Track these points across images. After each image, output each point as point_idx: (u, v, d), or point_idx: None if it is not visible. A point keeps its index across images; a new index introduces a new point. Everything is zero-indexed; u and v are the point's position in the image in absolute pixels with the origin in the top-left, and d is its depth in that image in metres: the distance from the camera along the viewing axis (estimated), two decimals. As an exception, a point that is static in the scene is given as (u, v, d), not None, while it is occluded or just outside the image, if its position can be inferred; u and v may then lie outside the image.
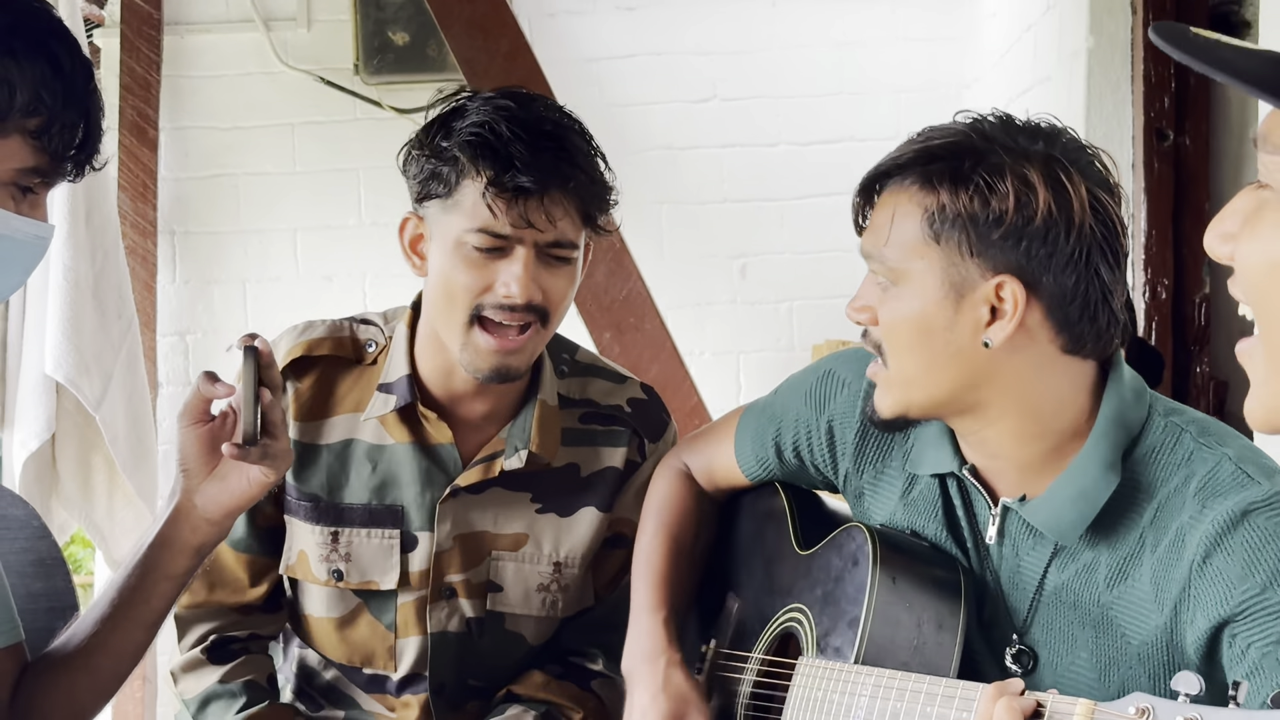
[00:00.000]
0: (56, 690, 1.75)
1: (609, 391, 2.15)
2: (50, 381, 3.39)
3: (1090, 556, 1.61)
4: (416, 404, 2.04)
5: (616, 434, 2.13)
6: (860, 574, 1.68)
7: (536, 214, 1.90)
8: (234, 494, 1.73)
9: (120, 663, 1.76)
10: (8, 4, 1.53)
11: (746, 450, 1.93)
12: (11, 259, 1.55)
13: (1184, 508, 1.55)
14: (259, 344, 1.72)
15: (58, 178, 1.57)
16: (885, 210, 1.61)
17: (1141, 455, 1.60)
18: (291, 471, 2.05)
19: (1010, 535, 1.66)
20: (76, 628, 1.77)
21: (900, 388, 1.62)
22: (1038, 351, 1.58)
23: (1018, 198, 1.53)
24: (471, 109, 1.95)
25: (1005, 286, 1.55)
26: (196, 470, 1.73)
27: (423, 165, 1.97)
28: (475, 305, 1.93)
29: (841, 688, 1.63)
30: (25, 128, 1.51)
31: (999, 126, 1.59)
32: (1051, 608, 1.64)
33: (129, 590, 1.75)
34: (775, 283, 4.55)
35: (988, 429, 1.62)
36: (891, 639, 1.64)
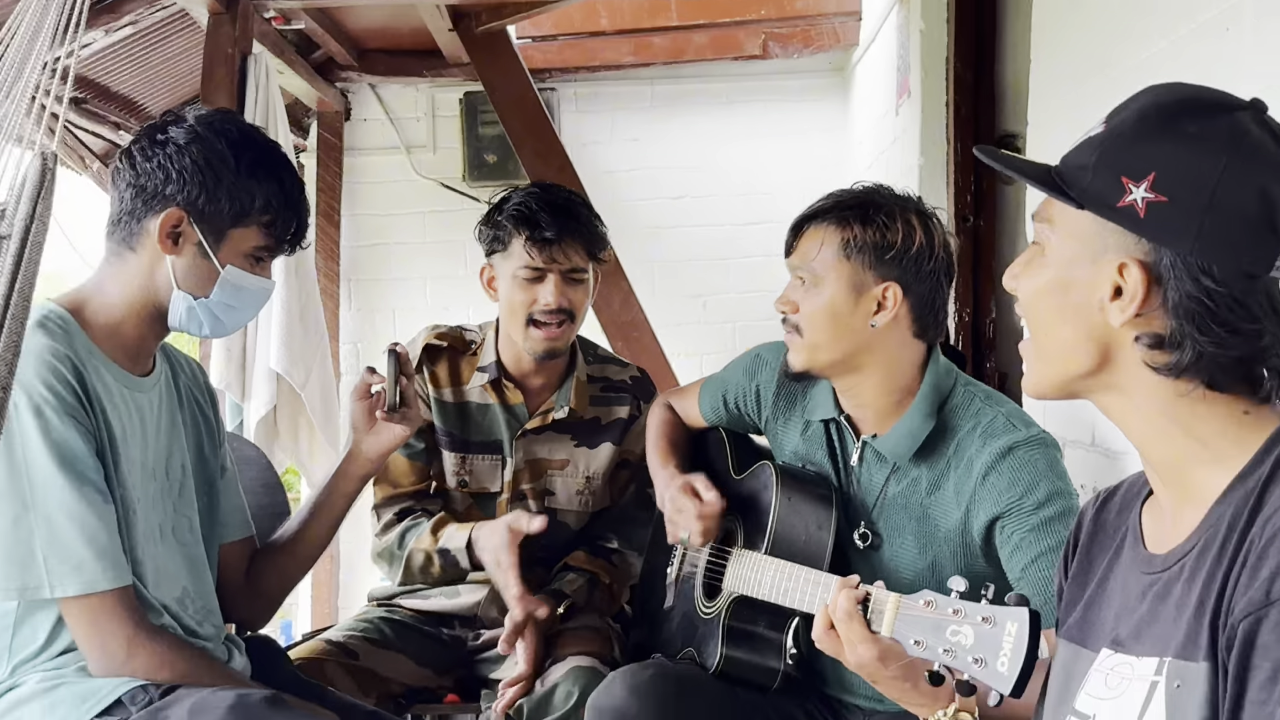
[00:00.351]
0: (273, 566, 1.76)
1: (618, 372, 2.18)
2: (273, 372, 3.39)
3: (915, 473, 1.60)
4: (501, 378, 2.06)
5: (623, 398, 2.15)
6: (768, 495, 1.67)
7: (558, 253, 1.96)
8: (383, 442, 1.75)
9: (313, 548, 1.77)
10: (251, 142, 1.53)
11: (706, 405, 1.92)
12: (251, 300, 1.56)
13: (973, 443, 1.54)
14: (399, 349, 1.75)
15: (279, 253, 1.57)
16: (811, 239, 1.60)
17: (949, 409, 1.59)
18: (439, 419, 2.06)
19: (866, 460, 1.65)
20: (286, 526, 1.78)
21: (809, 351, 1.60)
22: (900, 334, 1.58)
23: (904, 233, 1.54)
24: (514, 197, 2.02)
25: (890, 289, 1.55)
26: (361, 428, 1.75)
27: (488, 234, 2.03)
28: (529, 314, 1.98)
29: (756, 569, 1.63)
30: (260, 222, 1.52)
31: (887, 190, 1.61)
32: (890, 507, 1.62)
33: (320, 502, 1.76)
34: (725, 311, 4.54)
35: (861, 384, 1.61)
36: (789, 536, 1.63)
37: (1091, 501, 1.15)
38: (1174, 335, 0.95)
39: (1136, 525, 1.06)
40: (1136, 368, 0.98)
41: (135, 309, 1.52)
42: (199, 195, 1.48)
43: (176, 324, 1.53)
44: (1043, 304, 1.02)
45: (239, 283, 1.52)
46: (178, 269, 1.49)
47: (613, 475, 2.14)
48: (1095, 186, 0.96)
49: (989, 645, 1.06)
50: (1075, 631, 1.08)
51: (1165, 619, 0.96)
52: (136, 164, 1.49)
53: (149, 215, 1.49)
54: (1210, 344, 0.94)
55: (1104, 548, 1.10)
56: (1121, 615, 1.02)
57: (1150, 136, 0.94)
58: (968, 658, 1.07)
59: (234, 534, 1.72)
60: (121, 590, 1.42)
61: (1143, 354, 0.97)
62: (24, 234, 1.19)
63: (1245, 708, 0.86)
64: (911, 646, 1.13)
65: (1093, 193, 0.96)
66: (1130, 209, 0.94)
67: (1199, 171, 0.92)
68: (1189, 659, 0.92)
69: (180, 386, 1.64)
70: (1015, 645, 1.04)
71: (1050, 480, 1.49)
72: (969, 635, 1.07)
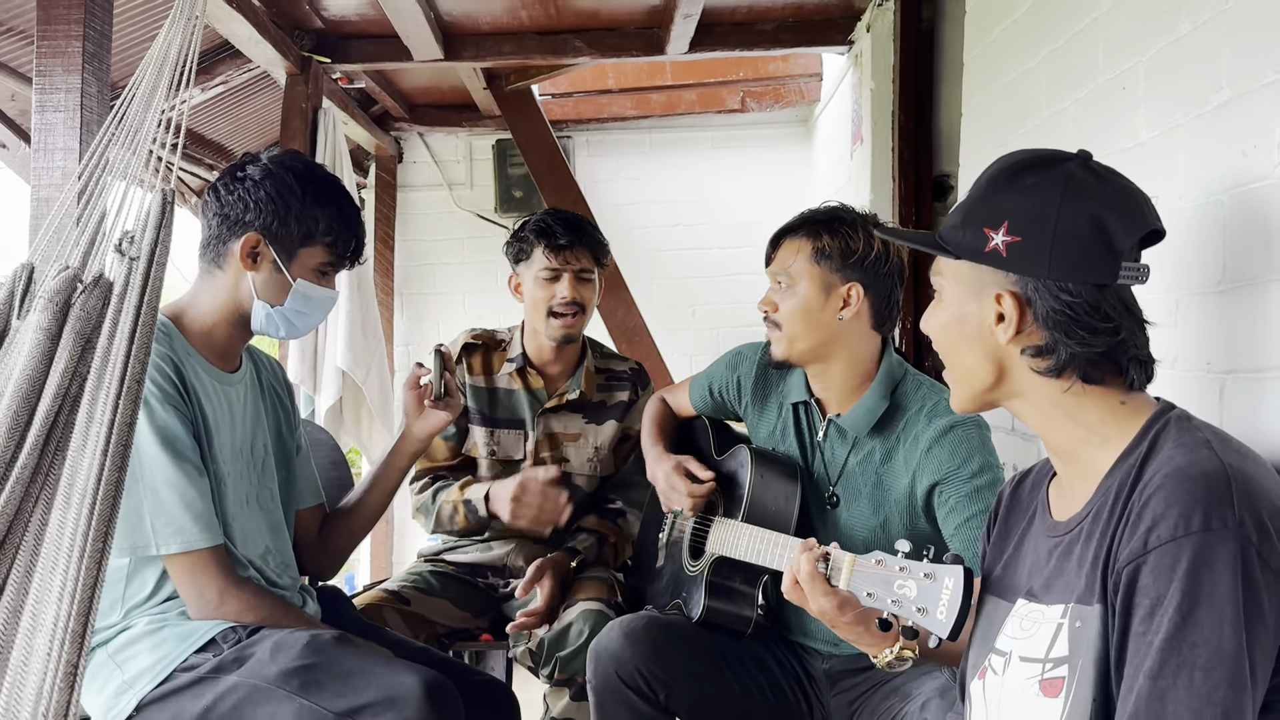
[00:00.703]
0: (340, 528, 1.75)
1: (620, 365, 2.19)
2: (339, 369, 3.39)
3: (870, 446, 1.59)
4: (527, 367, 2.08)
5: (624, 385, 2.16)
6: (744, 473, 1.66)
7: (570, 256, 2.00)
8: (430, 425, 1.75)
9: (373, 512, 1.76)
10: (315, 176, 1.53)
11: (694, 394, 1.91)
12: (319, 307, 1.56)
13: (919, 422, 1.54)
14: (443, 349, 1.75)
15: (341, 268, 1.57)
16: (788, 249, 1.59)
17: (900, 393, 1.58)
18: (473, 401, 2.07)
19: (830, 436, 1.64)
20: (350, 496, 1.77)
21: (788, 342, 1.60)
22: (862, 326, 1.58)
23: (864, 242, 1.54)
24: (533, 218, 2.05)
25: (853, 289, 1.55)
26: (412, 414, 1.74)
27: (514, 248, 2.07)
28: (549, 308, 2.01)
29: (734, 534, 1.62)
30: (324, 242, 1.52)
31: (851, 210, 1.61)
32: (850, 476, 1.61)
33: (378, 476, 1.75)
34: (712, 319, 4.52)
35: (829, 370, 1.61)
36: (762, 506, 1.62)
37: (1009, 481, 1.17)
38: (1049, 343, 0.99)
39: (1044, 499, 1.08)
40: (1026, 375, 1.01)
41: (224, 316, 1.52)
42: (273, 221, 1.48)
43: (258, 328, 1.53)
44: (947, 337, 1.06)
45: (308, 293, 1.52)
46: (257, 283, 1.50)
47: (616, 447, 2.16)
48: (966, 240, 1.01)
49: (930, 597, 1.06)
50: (995, 586, 1.10)
51: (1069, 573, 0.98)
52: (221, 197, 1.50)
53: (232, 239, 1.49)
54: (1077, 345, 0.98)
55: (1019, 518, 1.12)
56: (1033, 572, 1.04)
57: (1000, 192, 1.00)
58: (912, 607, 1.07)
59: (308, 501, 1.72)
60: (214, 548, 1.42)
61: (1029, 362, 1.01)
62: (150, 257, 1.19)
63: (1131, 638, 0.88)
64: (864, 598, 1.13)
65: (965, 245, 1.01)
66: (995, 252, 0.99)
67: (1040, 212, 0.97)
68: (1085, 603, 0.94)
69: (263, 381, 1.64)
70: (951, 597, 1.04)
71: (982, 455, 1.48)
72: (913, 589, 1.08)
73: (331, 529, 1.74)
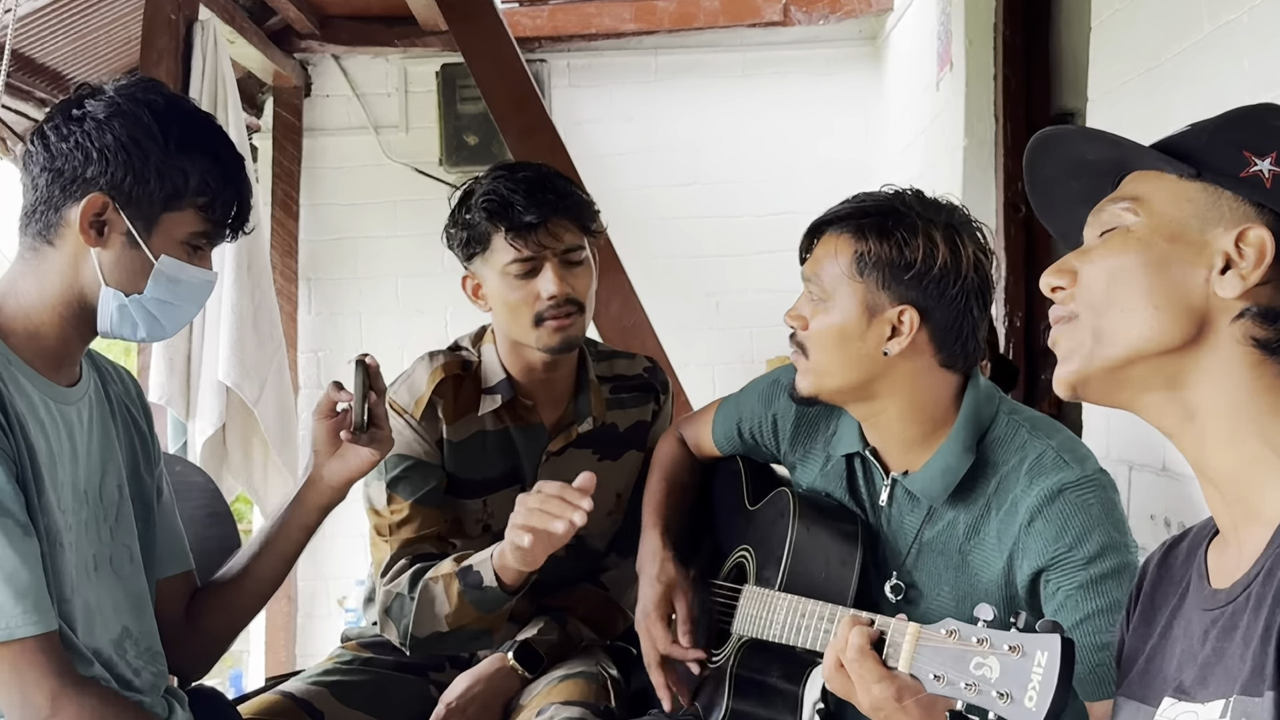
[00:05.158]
0: (218, 606, 1.74)
1: (629, 365, 2.18)
2: (222, 385, 3.39)
3: (952, 515, 1.59)
4: (517, 397, 2.05)
5: (639, 397, 2.15)
6: (784, 525, 1.67)
7: (545, 237, 1.92)
8: (350, 468, 1.73)
9: (266, 587, 1.75)
10: (180, 113, 1.52)
11: (719, 431, 1.92)
12: (189, 296, 1.55)
13: (1017, 483, 1.54)
14: (368, 359, 1.72)
15: (219, 240, 1.57)
16: (825, 248, 1.60)
17: (990, 442, 1.58)
18: (454, 465, 2.02)
19: (896, 500, 1.65)
20: (234, 561, 1.76)
21: (816, 376, 1.61)
22: (921, 362, 1.58)
23: (925, 251, 1.53)
24: (478, 187, 1.97)
25: (905, 313, 1.54)
26: (324, 451, 1.73)
27: (460, 237, 1.98)
28: (536, 313, 1.94)
29: (769, 607, 1.63)
30: (196, 204, 1.51)
31: (915, 198, 1.59)
32: (924, 554, 1.62)
33: (273, 535, 1.74)
34: (739, 314, 4.54)
35: (879, 415, 1.61)
36: (805, 572, 1.63)
37: (1159, 548, 1.19)
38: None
39: (1202, 564, 1.10)
40: (1227, 348, 1.04)
41: (57, 310, 1.50)
42: (124, 177, 1.46)
43: (108, 328, 1.52)
44: (1126, 284, 1.07)
45: (175, 275, 1.51)
46: (104, 263, 1.48)
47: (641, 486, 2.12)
48: (1214, 159, 1.06)
49: (1016, 678, 1.06)
50: (1136, 687, 1.10)
51: (1231, 655, 0.99)
52: (51, 145, 1.47)
53: (68, 203, 1.47)
54: None
55: (1168, 595, 1.13)
56: (1184, 661, 1.04)
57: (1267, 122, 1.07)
58: (992, 692, 1.07)
59: (170, 568, 1.70)
60: (45, 636, 1.41)
61: (1244, 327, 1.03)
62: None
63: None
64: (931, 682, 1.13)
65: (1212, 163, 1.06)
66: (1255, 179, 1.03)
67: None
68: (1253, 694, 0.94)
69: (111, 397, 1.63)
70: (1045, 678, 1.04)
71: (1105, 530, 1.48)
72: (994, 667, 1.08)
73: (207, 607, 1.73)
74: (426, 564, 1.94)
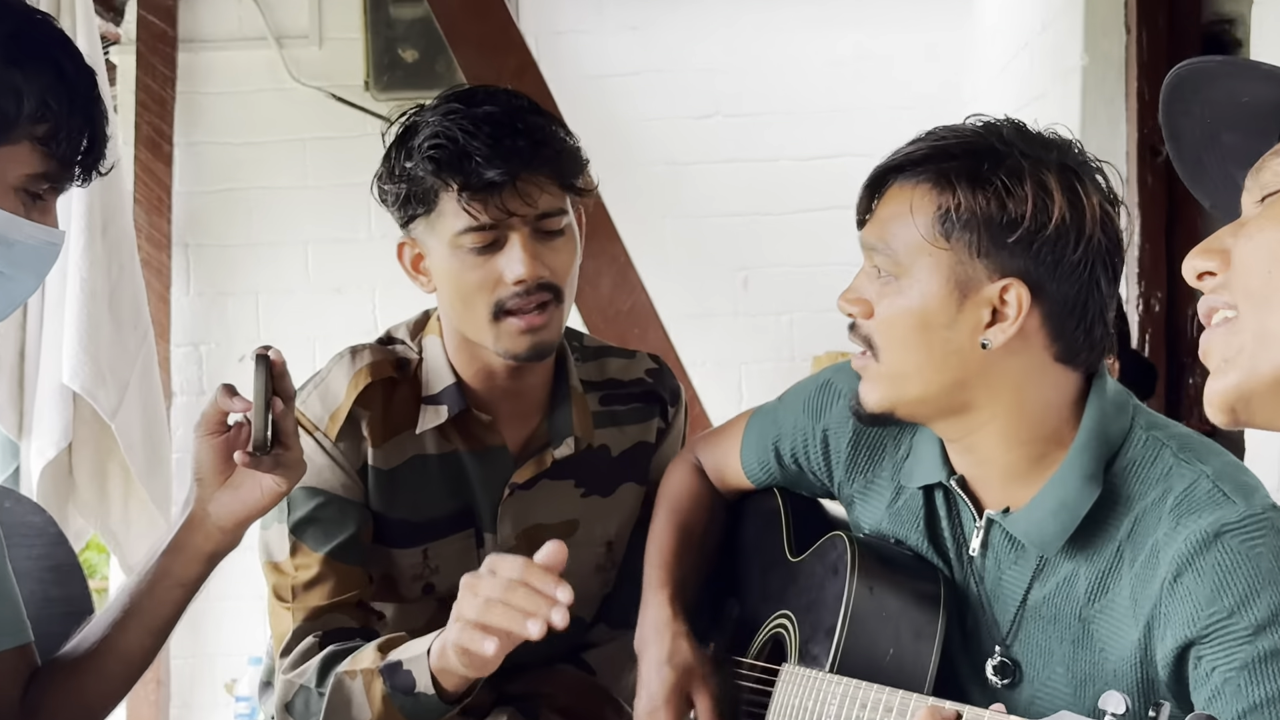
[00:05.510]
0: (66, 692, 1.73)
1: (626, 367, 2.19)
2: (67, 391, 3.39)
3: (1070, 569, 1.59)
4: (471, 409, 2.04)
5: (639, 410, 2.16)
6: (839, 583, 1.67)
7: (514, 201, 1.91)
8: (246, 503, 1.73)
9: (130, 667, 1.75)
10: (8, 14, 1.53)
11: (750, 454, 1.93)
12: (25, 264, 1.55)
13: (1160, 523, 1.53)
14: (271, 354, 1.71)
15: (66, 183, 1.57)
16: (895, 204, 1.59)
17: (1122, 468, 1.58)
18: (381, 502, 2.03)
19: (994, 547, 1.65)
20: (88, 631, 1.76)
21: (890, 383, 1.60)
22: (1031, 357, 1.58)
23: (1035, 203, 1.53)
24: (422, 124, 1.96)
25: (1010, 289, 1.54)
26: (210, 479, 1.73)
27: (396, 192, 1.98)
28: (495, 302, 1.94)
29: (815, 695, 1.63)
30: (33, 134, 1.52)
31: (1015, 132, 1.59)
32: (1034, 621, 1.62)
33: (141, 596, 1.74)
34: (776, 295, 4.55)
35: (975, 433, 1.61)
36: (867, 648, 1.63)
37: None
38: None
39: None
40: None
41: None
42: None
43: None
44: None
45: (6, 234, 1.52)
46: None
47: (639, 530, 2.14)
48: None
49: None
50: None
51: None
52: None
53: None
54: None
55: None
56: None
57: None
58: None
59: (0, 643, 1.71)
60: None
61: None
62: None
63: None
64: None
65: None
66: None
67: None
68: None
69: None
70: None
71: (1275, 587, 1.46)
72: None
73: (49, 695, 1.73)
74: (342, 646, 1.94)
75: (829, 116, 4.50)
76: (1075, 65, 3.19)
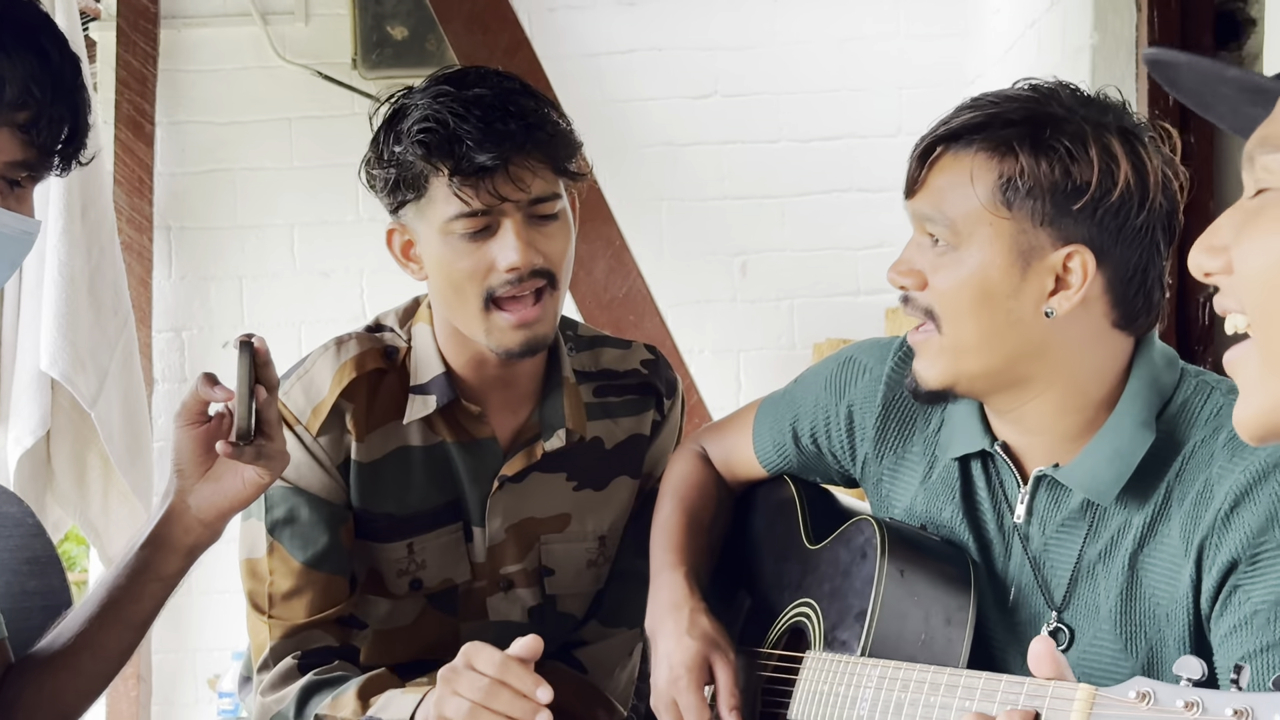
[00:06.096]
0: (41, 689, 1.74)
1: (621, 358, 2.21)
2: (45, 378, 3.39)
3: (1122, 519, 1.61)
4: (459, 400, 2.06)
5: (634, 402, 2.18)
6: (868, 567, 1.69)
7: (506, 186, 1.93)
8: (228, 495, 1.74)
9: (107, 663, 1.76)
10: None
11: (765, 439, 1.94)
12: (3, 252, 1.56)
13: (1212, 459, 1.56)
14: (255, 341, 1.72)
15: (45, 172, 1.58)
16: (952, 173, 1.60)
17: (1172, 414, 1.61)
18: (364, 497, 2.05)
19: (1039, 513, 1.67)
20: (64, 626, 1.77)
21: (954, 356, 1.62)
22: (1092, 325, 1.60)
23: (1100, 169, 1.55)
24: (412, 106, 1.98)
25: (1075, 257, 1.56)
26: (191, 471, 1.74)
27: (385, 177, 2.00)
28: (486, 290, 1.96)
29: (847, 680, 1.63)
30: (14, 121, 1.52)
31: (1072, 96, 1.60)
32: (1086, 581, 1.64)
33: (119, 590, 1.75)
34: (776, 280, 4.54)
35: (1029, 404, 1.63)
36: (899, 632, 1.64)
37: None
38: None
39: None
40: None
41: None
42: None
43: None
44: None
45: (-18, 223, 1.53)
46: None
47: (635, 520, 2.18)
48: None
49: None
50: None
51: None
52: None
53: None
54: None
55: None
56: None
57: None
58: None
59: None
60: None
61: None
62: None
63: None
64: None
65: None
66: None
67: None
68: None
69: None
70: None
71: None
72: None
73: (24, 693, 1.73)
74: (321, 674, 1.97)
75: (830, 96, 4.49)
76: (1085, 44, 3.18)
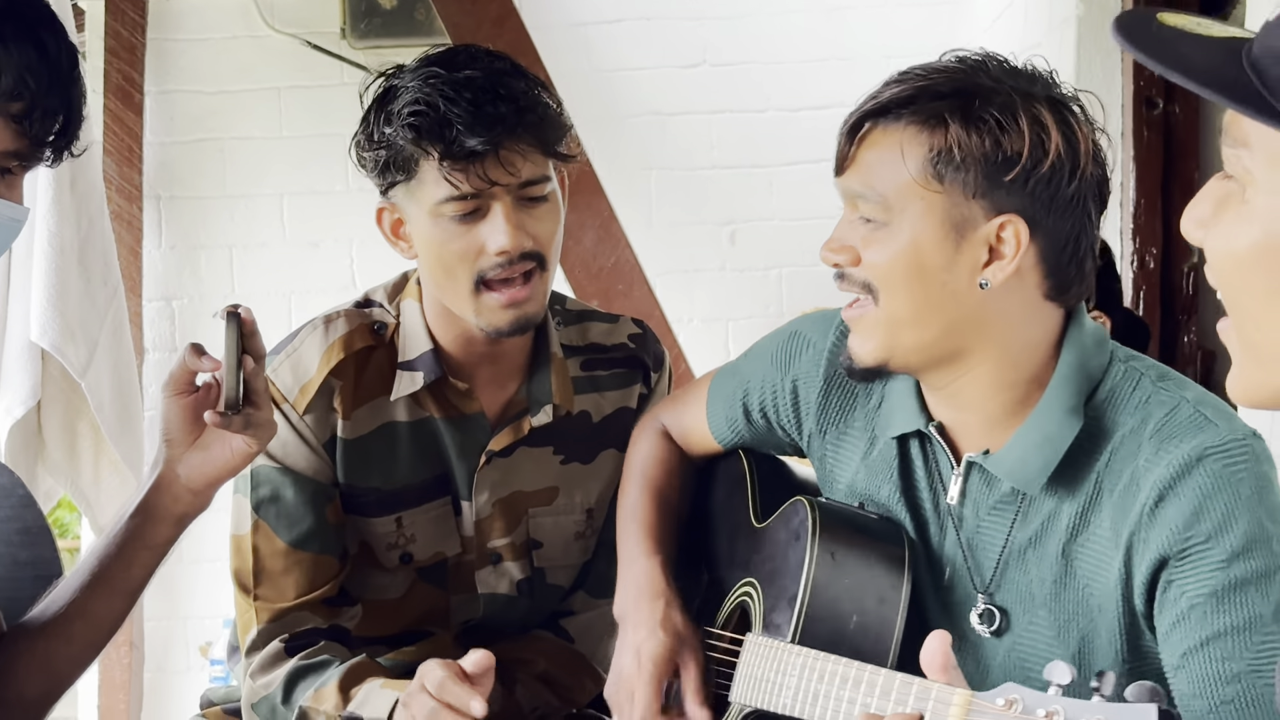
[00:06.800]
0: (33, 657, 1.75)
1: (608, 332, 2.21)
2: (35, 348, 3.38)
3: (1051, 507, 1.60)
4: (447, 377, 2.07)
5: (621, 376, 2.18)
6: (800, 550, 1.68)
7: (496, 170, 1.92)
8: (217, 464, 1.74)
9: (98, 631, 1.77)
10: None
11: (717, 413, 1.94)
12: None
13: (1139, 450, 1.55)
14: (242, 311, 1.73)
15: (35, 162, 1.58)
16: (881, 148, 1.59)
17: (1100, 401, 1.60)
18: (350, 473, 2.06)
19: (972, 495, 1.66)
20: (56, 595, 1.77)
21: (889, 328, 1.60)
22: (1025, 296, 1.59)
23: (1031, 139, 1.53)
24: (402, 88, 1.97)
25: (1008, 227, 1.55)
26: (180, 440, 1.74)
27: (375, 158, 1.99)
28: (476, 272, 1.96)
29: (777, 665, 1.63)
30: (8, 112, 1.52)
31: (1000, 67, 1.59)
32: (1017, 565, 1.63)
33: (109, 558, 1.75)
34: (764, 249, 4.55)
35: (963, 378, 1.62)
36: (830, 615, 1.64)
37: None
38: None
39: None
40: None
41: None
42: None
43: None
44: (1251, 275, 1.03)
45: (-26, 209, 1.53)
46: None
47: None
48: None
49: None
50: None
51: None
52: None
53: None
54: None
55: None
56: None
57: None
58: None
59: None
60: None
61: None
62: None
63: None
64: None
65: None
66: None
67: None
68: None
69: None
70: None
71: (1255, 518, 1.48)
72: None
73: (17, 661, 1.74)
74: (308, 658, 1.99)
75: (819, 65, 4.49)
76: (1070, 15, 3.19)
